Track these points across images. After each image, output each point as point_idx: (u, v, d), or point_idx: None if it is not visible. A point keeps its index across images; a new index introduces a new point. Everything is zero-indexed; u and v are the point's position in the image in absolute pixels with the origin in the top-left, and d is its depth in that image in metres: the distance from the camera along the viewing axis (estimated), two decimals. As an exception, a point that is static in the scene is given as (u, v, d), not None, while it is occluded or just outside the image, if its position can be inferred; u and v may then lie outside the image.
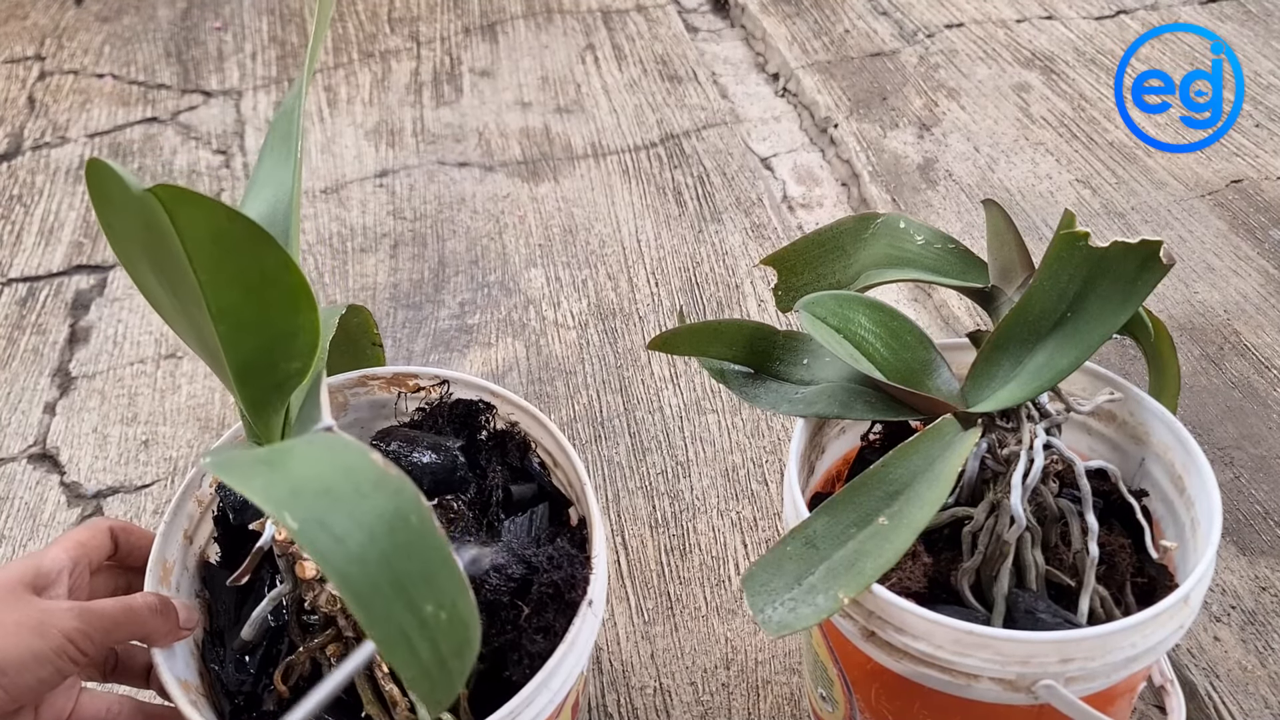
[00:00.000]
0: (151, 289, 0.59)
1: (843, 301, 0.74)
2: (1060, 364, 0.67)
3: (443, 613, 0.47)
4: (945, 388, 0.72)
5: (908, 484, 0.67)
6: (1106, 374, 0.78)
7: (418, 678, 0.47)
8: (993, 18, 1.93)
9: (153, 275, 0.57)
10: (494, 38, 2.03)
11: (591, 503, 0.73)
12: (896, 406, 0.73)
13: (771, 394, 0.78)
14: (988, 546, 0.69)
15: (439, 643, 0.47)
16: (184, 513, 0.76)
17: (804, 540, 0.67)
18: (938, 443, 0.68)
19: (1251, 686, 0.94)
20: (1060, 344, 0.68)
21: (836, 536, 0.66)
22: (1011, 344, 0.69)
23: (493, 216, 1.58)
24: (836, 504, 0.68)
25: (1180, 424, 0.74)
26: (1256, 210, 1.45)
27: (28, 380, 1.37)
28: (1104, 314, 0.66)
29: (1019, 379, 0.69)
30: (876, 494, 0.67)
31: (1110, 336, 0.68)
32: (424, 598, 0.47)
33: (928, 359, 0.73)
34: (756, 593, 0.66)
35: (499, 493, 0.79)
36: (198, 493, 0.77)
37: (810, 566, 0.66)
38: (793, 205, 1.58)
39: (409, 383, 0.84)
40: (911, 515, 0.64)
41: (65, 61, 2.07)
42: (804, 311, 0.73)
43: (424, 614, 0.47)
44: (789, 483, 0.73)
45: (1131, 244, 0.64)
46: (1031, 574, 0.70)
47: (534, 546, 0.73)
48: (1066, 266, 0.67)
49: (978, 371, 0.70)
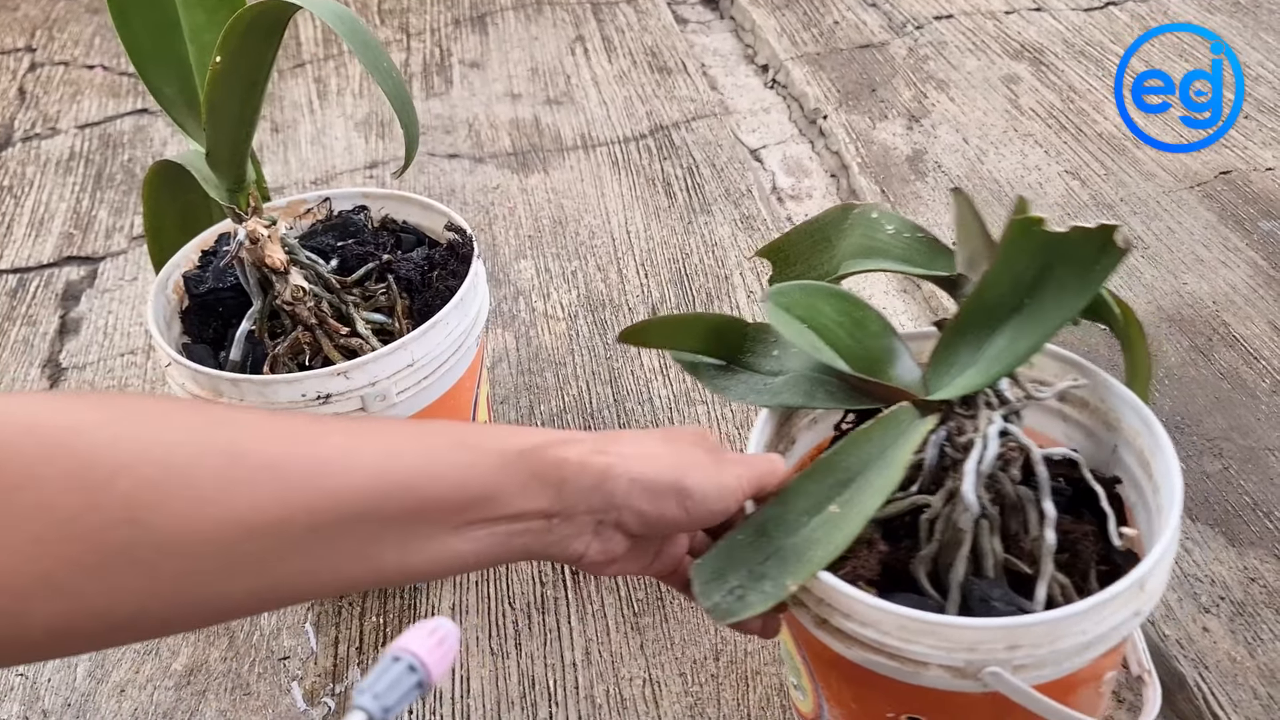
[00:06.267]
0: (134, 34, 0.91)
1: (809, 292, 0.74)
2: (1019, 349, 0.67)
3: (393, 71, 0.88)
4: (906, 376, 0.72)
5: (860, 471, 0.67)
6: (1075, 359, 0.77)
7: (391, 92, 0.87)
8: (982, 9, 1.93)
9: (137, 17, 0.89)
10: (484, 29, 2.03)
11: (455, 216, 1.05)
12: (859, 395, 0.73)
13: (741, 385, 0.78)
14: (944, 534, 0.69)
15: (397, 81, 0.88)
16: (163, 296, 1.00)
17: (755, 528, 0.67)
18: (892, 430, 0.68)
19: (1241, 677, 0.94)
20: (1018, 330, 0.67)
21: (788, 524, 0.66)
22: (970, 331, 0.69)
23: (482, 208, 1.58)
24: (789, 492, 0.68)
25: (1147, 408, 0.73)
26: (1245, 201, 1.45)
27: (18, 371, 1.37)
28: (1062, 299, 0.66)
29: (977, 366, 0.68)
30: (829, 481, 0.67)
31: (1069, 322, 0.67)
32: (380, 59, 0.88)
33: (890, 347, 0.73)
34: (706, 579, 0.66)
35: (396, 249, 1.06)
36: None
37: (761, 554, 0.66)
38: (782, 197, 1.58)
39: (300, 208, 1.08)
40: (862, 502, 0.64)
41: (56, 53, 2.07)
42: (769, 302, 0.73)
43: (383, 66, 0.87)
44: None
45: (1089, 229, 0.63)
46: (989, 561, 0.69)
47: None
48: (1022, 253, 0.66)
49: (937, 359, 0.70)
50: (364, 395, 0.91)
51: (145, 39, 0.93)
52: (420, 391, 0.94)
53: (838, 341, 0.72)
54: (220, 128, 0.90)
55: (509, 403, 1.26)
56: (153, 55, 0.94)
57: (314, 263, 0.97)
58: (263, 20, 0.84)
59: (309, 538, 0.51)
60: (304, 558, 0.52)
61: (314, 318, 0.95)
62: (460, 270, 1.00)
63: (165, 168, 0.97)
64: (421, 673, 0.50)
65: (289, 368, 0.95)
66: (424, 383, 0.94)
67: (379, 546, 0.55)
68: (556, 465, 0.59)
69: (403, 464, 0.55)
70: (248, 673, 1.01)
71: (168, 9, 0.93)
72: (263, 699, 0.99)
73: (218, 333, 1.01)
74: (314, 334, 0.95)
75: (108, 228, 1.61)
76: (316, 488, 0.51)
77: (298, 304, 0.93)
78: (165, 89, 0.95)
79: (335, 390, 0.90)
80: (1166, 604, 0.99)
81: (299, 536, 0.51)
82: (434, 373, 0.94)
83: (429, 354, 0.93)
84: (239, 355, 0.97)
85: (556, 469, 0.59)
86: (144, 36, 0.92)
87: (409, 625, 0.52)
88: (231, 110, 0.89)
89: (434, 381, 0.95)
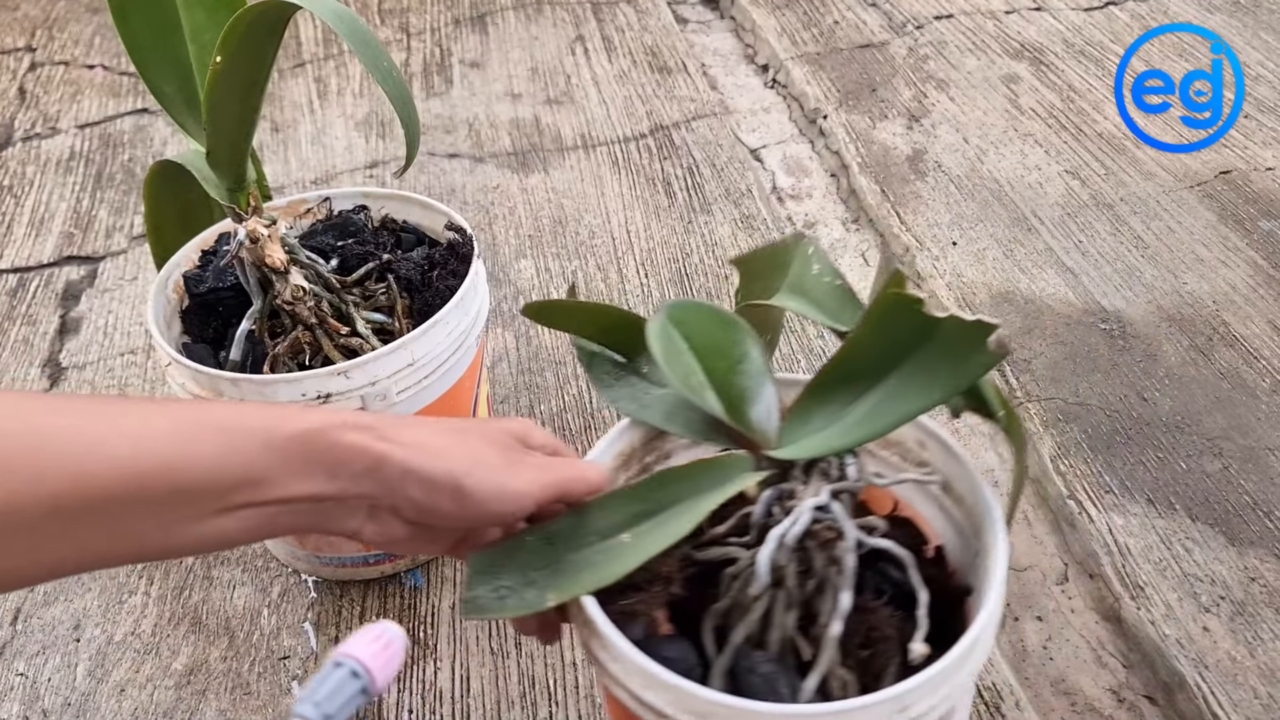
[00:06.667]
0: (135, 33, 0.92)
1: (707, 315, 0.71)
2: (874, 426, 0.64)
3: (393, 71, 0.88)
4: (762, 424, 0.67)
5: (664, 508, 0.65)
6: (958, 452, 0.72)
7: (392, 92, 0.87)
8: (982, 9, 1.93)
9: (138, 17, 0.90)
10: (484, 29, 2.03)
11: (455, 215, 1.05)
12: (714, 432, 0.70)
13: (623, 389, 0.75)
14: (738, 594, 0.67)
15: (398, 81, 0.88)
16: (164, 295, 1.00)
17: (546, 536, 0.65)
18: (713, 476, 0.65)
19: (1241, 677, 0.94)
20: (878, 405, 0.64)
21: (576, 540, 0.65)
22: (832, 394, 0.66)
23: (482, 208, 1.58)
24: (595, 507, 0.66)
25: (1002, 530, 0.66)
26: (1245, 201, 1.45)
27: (18, 371, 1.37)
28: (928, 386, 0.62)
29: (828, 432, 0.65)
30: (634, 509, 0.65)
31: (932, 408, 0.63)
32: (381, 58, 0.87)
33: (757, 390, 0.68)
34: (479, 571, 0.64)
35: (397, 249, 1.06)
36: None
37: (540, 561, 0.64)
38: (782, 196, 1.58)
39: (300, 208, 1.08)
40: (652, 540, 0.62)
41: (56, 52, 2.07)
42: (662, 316, 0.70)
43: (383, 66, 0.86)
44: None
45: (966, 322, 0.58)
46: (775, 635, 0.66)
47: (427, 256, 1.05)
48: (893, 328, 0.63)
49: (793, 416, 0.67)
50: (364, 395, 0.91)
51: (145, 38, 0.93)
52: (420, 391, 0.94)
53: (715, 372, 0.69)
54: (220, 127, 0.91)
55: (509, 402, 1.26)
56: (153, 55, 0.94)
57: (314, 262, 0.97)
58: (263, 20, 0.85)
59: (61, 520, 0.52)
60: (57, 540, 0.53)
61: (314, 317, 0.95)
62: (460, 270, 1.00)
63: (165, 167, 0.97)
64: (365, 679, 0.50)
65: (289, 367, 0.96)
66: (424, 382, 0.94)
67: (140, 527, 0.55)
68: (331, 449, 0.59)
69: (159, 448, 0.55)
70: (248, 672, 1.01)
71: (168, 8, 0.93)
72: (263, 698, 0.99)
73: (218, 332, 1.01)
74: (314, 333, 0.95)
75: (108, 227, 1.61)
76: (70, 472, 0.52)
77: (298, 303, 0.94)
78: (165, 88, 0.95)
79: (335, 390, 0.90)
80: (1166, 603, 0.99)
81: (48, 518, 0.52)
82: (434, 372, 0.94)
83: (429, 353, 0.93)
84: (239, 355, 0.97)
85: (330, 453, 0.59)
86: (144, 36, 0.93)
87: (354, 632, 0.52)
88: (232, 110, 0.90)
89: (434, 381, 0.95)
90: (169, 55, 0.94)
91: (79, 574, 0.90)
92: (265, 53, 0.89)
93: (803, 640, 0.66)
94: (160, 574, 1.11)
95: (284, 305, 0.94)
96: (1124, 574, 1.02)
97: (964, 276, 1.37)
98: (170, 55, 0.94)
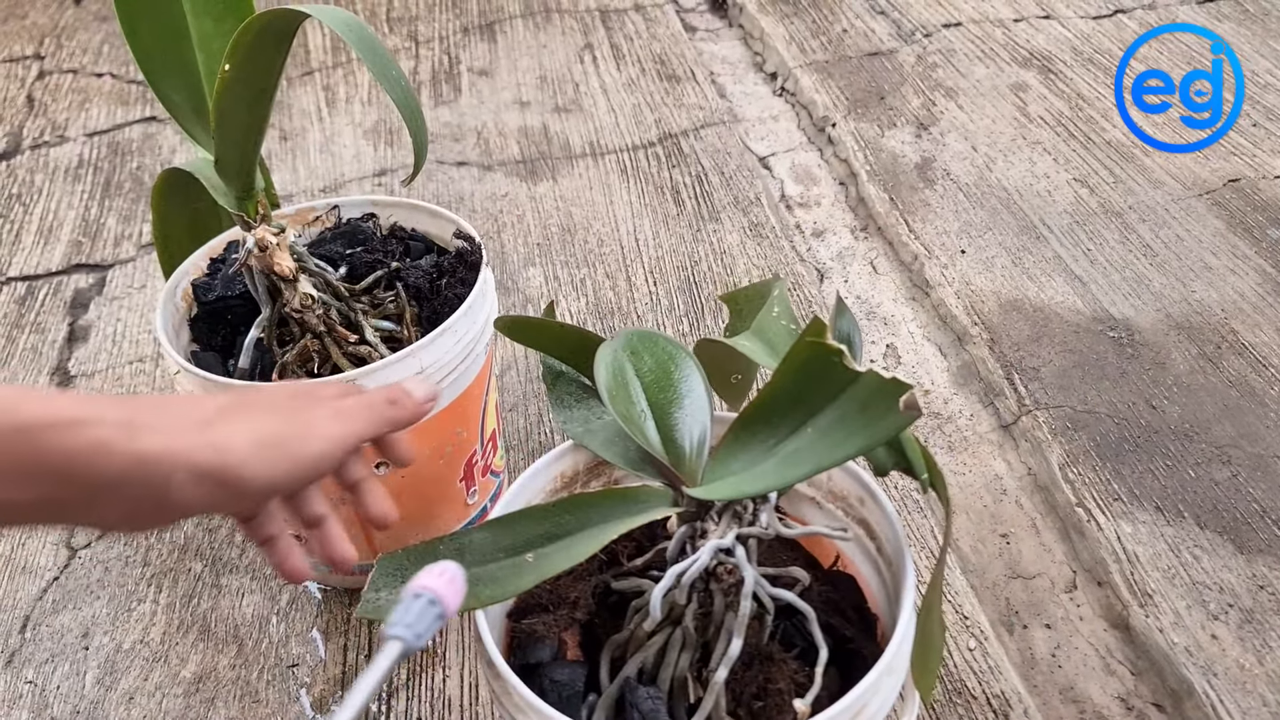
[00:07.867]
0: (143, 42, 0.91)
1: (659, 346, 0.72)
2: (786, 474, 0.63)
3: (401, 79, 0.84)
4: (690, 461, 0.67)
5: (571, 532, 0.65)
6: (888, 510, 0.72)
7: (400, 100, 0.84)
8: (990, 17, 1.93)
9: (146, 25, 0.91)
10: (492, 37, 2.03)
11: (464, 224, 1.04)
12: (644, 464, 0.70)
13: (577, 411, 0.75)
14: (635, 627, 0.67)
15: (406, 89, 0.84)
16: (172, 303, 1.00)
17: (456, 546, 0.66)
18: (625, 505, 0.66)
19: (1249, 685, 0.94)
20: (794, 455, 0.63)
21: (484, 554, 0.65)
22: (754, 436, 0.66)
23: (491, 215, 1.58)
24: (502, 523, 0.66)
25: (912, 592, 0.67)
26: (1254, 209, 1.45)
27: (26, 379, 1.37)
28: (843, 440, 0.60)
29: (742, 477, 0.64)
30: (541, 529, 0.65)
31: (847, 461, 0.62)
32: (389, 66, 0.83)
33: (690, 426, 0.68)
34: (384, 572, 0.65)
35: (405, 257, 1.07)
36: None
37: None
38: (790, 204, 1.58)
39: (309, 216, 1.08)
40: (552, 562, 0.63)
41: (64, 61, 2.07)
42: (616, 343, 0.70)
43: (392, 74, 0.83)
44: (512, 491, 0.73)
45: (883, 379, 0.58)
46: (668, 673, 0.66)
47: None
48: (812, 376, 0.62)
49: (719, 456, 0.67)
50: (372, 403, 0.91)
51: (154, 47, 0.93)
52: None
53: (657, 405, 0.69)
54: (229, 135, 0.91)
55: (518, 410, 1.26)
56: (161, 63, 0.94)
57: (323, 270, 0.97)
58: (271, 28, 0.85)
59: None
60: None
61: (322, 325, 0.95)
62: (469, 278, 1.00)
63: (174, 175, 0.97)
64: (440, 605, 0.54)
65: (298, 375, 0.96)
66: (433, 390, 0.94)
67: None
68: (65, 454, 0.51)
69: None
70: (256, 680, 1.02)
71: (176, 17, 0.93)
72: (271, 706, 0.99)
73: (226, 340, 1.01)
74: (322, 341, 0.95)
75: (116, 235, 1.62)
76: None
77: (306, 311, 0.94)
78: (174, 97, 0.95)
79: (344, 398, 0.90)
80: (1175, 611, 0.99)
81: None
82: (443, 380, 0.94)
83: (437, 361, 0.93)
84: (248, 363, 0.97)
85: (64, 458, 0.51)
86: (153, 44, 0.93)
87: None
88: (240, 118, 0.90)
89: (443, 389, 0.95)
90: (177, 63, 0.94)
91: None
92: (273, 61, 0.89)
93: (694, 682, 0.66)
94: (169, 582, 1.11)
95: (292, 313, 0.94)
96: (1132, 581, 1.02)
97: (973, 284, 1.37)
98: (179, 63, 0.94)
